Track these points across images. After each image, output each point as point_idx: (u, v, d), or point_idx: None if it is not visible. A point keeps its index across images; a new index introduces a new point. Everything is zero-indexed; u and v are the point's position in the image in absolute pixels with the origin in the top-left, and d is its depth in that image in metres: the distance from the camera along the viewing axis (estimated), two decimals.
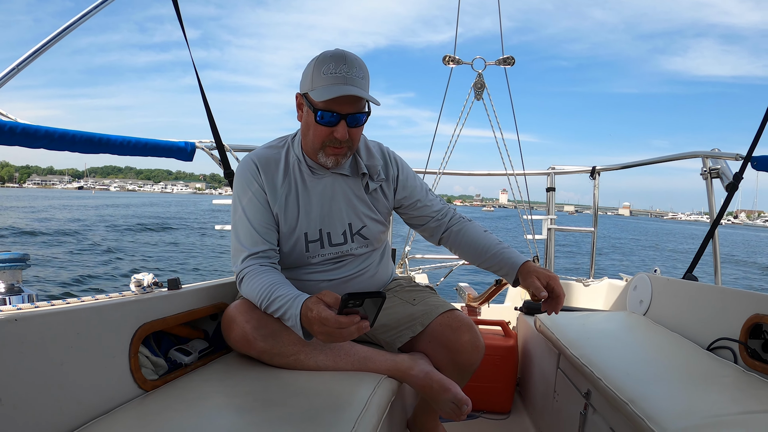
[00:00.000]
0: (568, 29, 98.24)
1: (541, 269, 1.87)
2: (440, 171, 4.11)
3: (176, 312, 1.77)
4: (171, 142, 2.75)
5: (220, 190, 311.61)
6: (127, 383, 1.49)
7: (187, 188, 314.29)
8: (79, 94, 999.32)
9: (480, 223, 2.11)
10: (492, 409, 3.06)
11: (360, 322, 1.44)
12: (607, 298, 3.64)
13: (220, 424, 1.29)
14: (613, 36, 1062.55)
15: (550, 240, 4.18)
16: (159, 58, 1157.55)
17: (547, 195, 4.30)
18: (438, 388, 1.76)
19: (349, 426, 1.29)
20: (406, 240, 4.04)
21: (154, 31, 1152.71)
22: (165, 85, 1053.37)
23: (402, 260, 4.08)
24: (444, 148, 4.17)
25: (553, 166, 4.26)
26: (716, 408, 1.45)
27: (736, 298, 2.08)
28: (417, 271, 4.26)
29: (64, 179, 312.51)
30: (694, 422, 1.36)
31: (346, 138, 1.76)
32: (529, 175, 4.11)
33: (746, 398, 1.54)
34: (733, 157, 2.87)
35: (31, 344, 1.22)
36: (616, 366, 1.86)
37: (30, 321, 1.23)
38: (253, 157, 1.90)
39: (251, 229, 1.81)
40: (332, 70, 1.69)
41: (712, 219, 2.92)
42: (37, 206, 56.06)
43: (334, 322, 1.43)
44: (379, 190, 1.99)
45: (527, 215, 4.00)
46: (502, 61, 3.85)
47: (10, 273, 1.45)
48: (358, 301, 1.41)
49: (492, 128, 3.93)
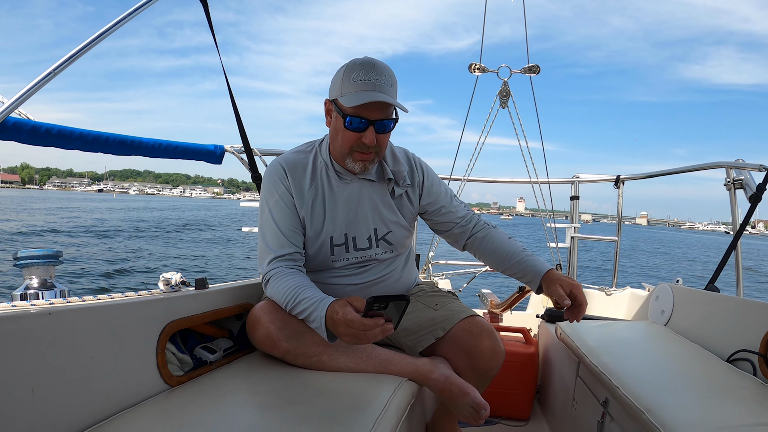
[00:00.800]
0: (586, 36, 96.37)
1: (565, 277, 1.89)
2: (465, 178, 4.12)
3: (203, 311, 1.82)
4: (201, 145, 2.81)
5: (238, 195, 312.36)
6: (154, 378, 1.54)
7: (205, 192, 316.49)
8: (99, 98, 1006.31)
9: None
10: (511, 416, 3.07)
11: (384, 325, 1.48)
12: (629, 308, 3.63)
13: (241, 419, 1.33)
14: (632, 43, 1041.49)
15: (573, 248, 4.17)
16: (178, 63, 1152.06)
17: (571, 203, 4.29)
18: (457, 392, 1.78)
19: (369, 426, 1.31)
20: (430, 245, 4.06)
21: (173, 36, 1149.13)
22: (183, 90, 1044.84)
23: (426, 265, 4.09)
24: (464, 155, 4.19)
25: (578, 174, 4.26)
26: (732, 419, 1.46)
27: (757, 310, 2.07)
28: (440, 276, 4.27)
29: (84, 182, 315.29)
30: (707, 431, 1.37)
31: (374, 143, 1.79)
32: (554, 184, 4.11)
33: (763, 410, 1.54)
34: (756, 168, 2.87)
35: (63, 338, 1.27)
36: (635, 375, 1.87)
37: (63, 315, 1.28)
38: (281, 161, 1.94)
39: (278, 232, 1.85)
40: (362, 77, 1.73)
41: (735, 230, 2.91)
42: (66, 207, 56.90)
43: (359, 324, 1.46)
44: (404, 195, 2.02)
45: (551, 223, 4.00)
46: (527, 70, 3.85)
47: (43, 269, 1.50)
48: (382, 304, 1.44)
49: (517, 136, 3.93)
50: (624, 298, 3.73)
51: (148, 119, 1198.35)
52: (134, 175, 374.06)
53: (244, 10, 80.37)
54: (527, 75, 3.88)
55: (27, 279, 1.49)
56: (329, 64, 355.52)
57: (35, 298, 1.44)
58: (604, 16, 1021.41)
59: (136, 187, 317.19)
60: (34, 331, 1.20)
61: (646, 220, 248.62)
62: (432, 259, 4.15)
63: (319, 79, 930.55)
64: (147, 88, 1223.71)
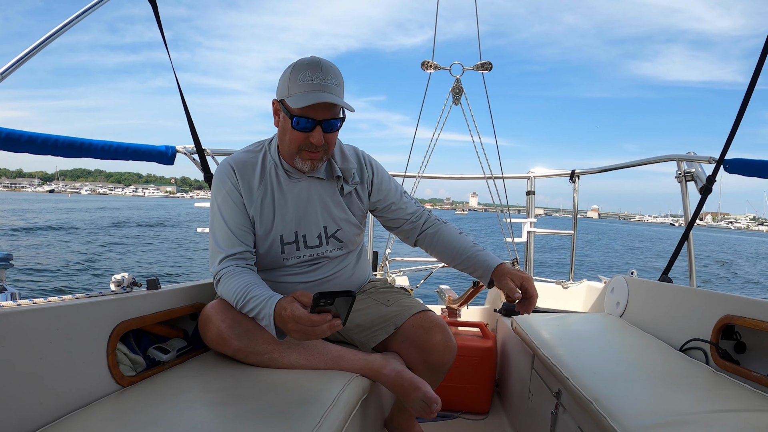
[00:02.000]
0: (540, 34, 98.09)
1: (515, 271, 1.92)
2: (419, 174, 4.15)
3: (155, 311, 1.82)
4: (152, 146, 2.80)
5: (191, 193, 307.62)
6: (105, 378, 1.54)
7: (158, 191, 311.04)
8: (48, 96, 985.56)
9: (455, 225, 2.16)
10: (471, 410, 3.10)
11: (332, 321, 1.49)
12: (586, 300, 3.69)
13: (191, 417, 1.34)
14: (585, 41, 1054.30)
15: (530, 243, 4.22)
16: (129, 60, 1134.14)
17: (527, 198, 4.34)
18: (408, 387, 1.80)
19: (315, 421, 1.33)
20: (387, 243, 4.08)
21: (124, 32, 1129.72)
22: (134, 87, 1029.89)
23: (383, 263, 4.11)
24: (419, 151, 4.21)
25: (532, 170, 4.31)
26: (682, 407, 1.48)
27: (709, 300, 2.12)
28: (398, 273, 4.29)
29: (34, 182, 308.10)
30: (656, 420, 1.39)
31: (322, 143, 1.80)
32: (509, 179, 4.15)
33: (713, 398, 1.57)
34: (706, 160, 2.93)
35: (11, 339, 1.27)
36: (586, 366, 1.90)
37: (11, 318, 1.28)
38: (230, 160, 1.94)
39: (228, 231, 1.86)
40: (308, 77, 1.74)
41: (687, 221, 2.97)
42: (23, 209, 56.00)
43: (307, 320, 1.47)
44: (353, 193, 2.04)
45: (507, 218, 4.04)
46: (479, 67, 3.89)
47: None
48: (329, 299, 1.46)
49: (470, 132, 3.97)
50: (581, 291, 3.79)
51: (99, 117, 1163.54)
52: (85, 175, 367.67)
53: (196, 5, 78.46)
54: (480, 72, 3.92)
55: None
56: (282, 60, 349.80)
57: None
58: (558, 14, 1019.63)
59: (88, 187, 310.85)
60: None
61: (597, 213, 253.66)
62: (389, 256, 4.17)
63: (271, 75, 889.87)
64: (97, 85, 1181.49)
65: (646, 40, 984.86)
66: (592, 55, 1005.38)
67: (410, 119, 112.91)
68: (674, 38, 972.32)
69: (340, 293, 1.46)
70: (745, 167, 2.80)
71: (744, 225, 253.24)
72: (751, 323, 1.84)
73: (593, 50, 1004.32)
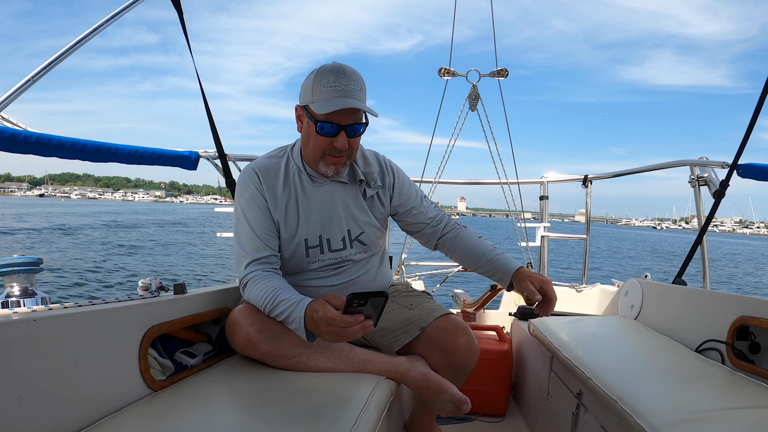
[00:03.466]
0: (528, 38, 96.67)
1: (535, 274, 1.94)
2: (436, 180, 4.17)
3: (182, 315, 1.83)
4: (176, 152, 2.83)
5: (180, 198, 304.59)
6: (137, 383, 1.55)
7: (148, 196, 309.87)
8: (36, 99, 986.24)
9: None
10: (487, 413, 3.12)
11: (364, 322, 1.51)
12: (600, 304, 3.71)
13: (226, 421, 1.36)
14: (573, 46, 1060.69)
15: (544, 247, 4.24)
16: (118, 63, 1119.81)
17: (540, 203, 4.35)
18: (435, 389, 1.82)
19: (351, 422, 1.34)
20: (403, 247, 4.10)
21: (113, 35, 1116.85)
22: (123, 91, 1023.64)
23: (399, 267, 4.13)
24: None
25: (546, 175, 4.33)
26: (701, 404, 1.52)
27: (723, 301, 2.14)
28: (413, 277, 4.30)
29: (23, 186, 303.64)
30: (679, 417, 1.42)
31: (346, 147, 1.83)
32: (523, 184, 4.17)
33: (731, 396, 1.61)
34: (719, 165, 2.95)
35: (48, 344, 1.28)
36: (607, 366, 1.93)
37: (47, 322, 1.29)
38: (254, 166, 1.96)
39: (254, 236, 1.87)
40: (332, 83, 1.77)
41: (701, 225, 3.00)
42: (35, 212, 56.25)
43: (340, 322, 1.49)
44: (375, 197, 2.06)
45: (521, 223, 4.06)
46: (496, 73, 3.91)
47: (25, 276, 1.50)
48: (362, 300, 1.48)
49: (486, 139, 3.99)
50: (594, 295, 3.80)
51: (87, 120, 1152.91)
52: (73, 179, 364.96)
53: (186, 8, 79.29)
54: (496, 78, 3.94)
55: (8, 287, 1.50)
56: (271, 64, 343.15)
57: (17, 306, 1.45)
58: (547, 19, 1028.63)
59: (78, 192, 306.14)
60: (19, 338, 1.21)
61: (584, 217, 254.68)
62: (405, 260, 4.19)
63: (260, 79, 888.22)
64: (86, 89, 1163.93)
65: (634, 44, 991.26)
66: (580, 60, 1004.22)
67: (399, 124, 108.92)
68: (662, 43, 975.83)
69: (372, 294, 1.48)
70: (758, 172, 2.82)
71: (729, 228, 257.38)
72: (766, 324, 1.87)
73: (581, 55, 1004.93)
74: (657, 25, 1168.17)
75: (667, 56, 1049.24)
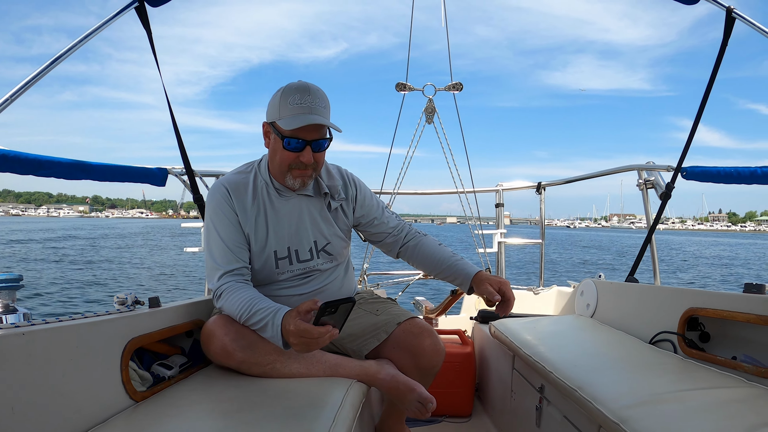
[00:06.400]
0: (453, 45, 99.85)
1: (493, 276, 2.04)
2: (395, 191, 4.25)
3: (159, 328, 1.88)
4: (145, 168, 2.87)
5: (106, 212, 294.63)
6: (120, 394, 1.60)
7: (72, 211, 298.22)
8: None
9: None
10: (454, 414, 3.20)
11: (332, 331, 1.58)
12: (557, 305, 3.84)
13: (212, 425, 1.42)
14: (497, 52, 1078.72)
15: (501, 252, 4.36)
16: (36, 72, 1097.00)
17: (496, 210, 4.47)
18: (404, 389, 1.91)
19: (330, 421, 1.42)
20: (364, 257, 4.16)
21: (31, 43, 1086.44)
22: (42, 102, 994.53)
23: (361, 277, 4.20)
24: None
25: (501, 183, 4.46)
26: (656, 389, 1.63)
27: (673, 295, 2.28)
28: (375, 286, 4.37)
29: None
30: (635, 400, 1.53)
31: (312, 161, 1.91)
32: (479, 193, 4.28)
33: (684, 380, 1.72)
34: (665, 169, 3.11)
35: (37, 357, 1.32)
36: (566, 360, 2.03)
37: (36, 335, 1.33)
38: (224, 182, 2.03)
39: (225, 249, 1.93)
40: (298, 101, 1.85)
41: (649, 226, 3.15)
42: None
43: (313, 333, 1.56)
44: (339, 209, 2.14)
45: (479, 230, 4.16)
46: (451, 87, 4.01)
47: (6, 293, 1.53)
48: (333, 309, 1.55)
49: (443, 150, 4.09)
50: (551, 296, 3.93)
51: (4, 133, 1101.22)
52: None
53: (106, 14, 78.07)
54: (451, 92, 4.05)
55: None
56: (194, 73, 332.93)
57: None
58: (470, 26, 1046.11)
59: (1, 209, 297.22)
60: (10, 352, 1.25)
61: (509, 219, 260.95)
62: (367, 270, 4.26)
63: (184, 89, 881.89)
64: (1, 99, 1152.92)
65: (556, 50, 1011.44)
66: (503, 66, 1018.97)
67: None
68: (583, 48, 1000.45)
69: (342, 300, 1.55)
70: (701, 174, 2.98)
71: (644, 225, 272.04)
72: (713, 313, 2.00)
73: (504, 61, 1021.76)
74: (579, 31, 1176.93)
75: (588, 61, 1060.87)
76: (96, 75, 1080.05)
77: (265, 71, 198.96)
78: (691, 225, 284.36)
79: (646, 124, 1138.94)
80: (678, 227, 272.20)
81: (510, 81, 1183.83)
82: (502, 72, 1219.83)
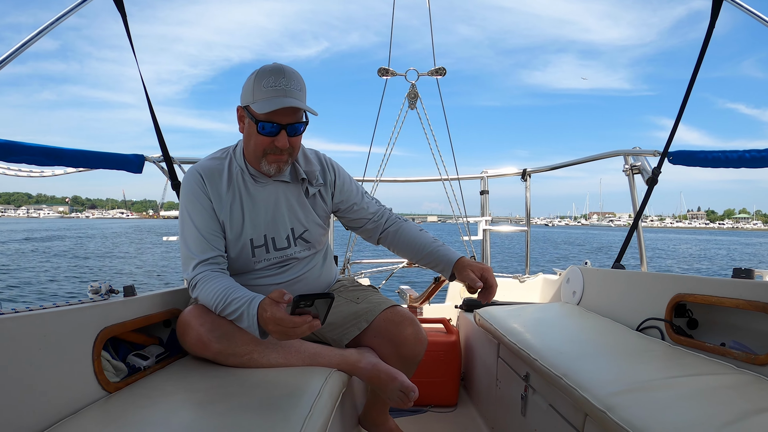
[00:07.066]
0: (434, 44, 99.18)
1: (475, 262, 2.01)
2: (377, 179, 4.22)
3: (133, 317, 1.83)
4: (121, 154, 2.82)
5: (86, 213, 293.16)
6: (92, 385, 1.55)
7: (52, 212, 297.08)
8: None
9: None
10: (439, 403, 3.17)
11: (311, 321, 1.53)
12: (543, 292, 3.82)
13: (186, 416, 1.38)
14: (478, 51, 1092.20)
15: (486, 240, 4.33)
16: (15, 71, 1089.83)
17: (481, 198, 4.44)
18: (385, 378, 1.88)
19: (306, 410, 1.38)
20: (347, 246, 4.13)
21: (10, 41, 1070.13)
22: (21, 101, 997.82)
23: (344, 266, 4.16)
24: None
25: (486, 170, 4.43)
26: (643, 375, 1.60)
27: (661, 282, 2.25)
28: (359, 275, 4.34)
29: None
30: (622, 387, 1.50)
31: (287, 146, 1.86)
32: (463, 179, 4.25)
33: (671, 366, 1.70)
34: (651, 154, 3.09)
35: (2, 347, 1.28)
36: (552, 347, 2.00)
37: (1, 324, 1.29)
38: (198, 168, 1.97)
39: (200, 237, 1.88)
40: (272, 83, 1.79)
41: (636, 212, 3.13)
42: None
43: (288, 322, 1.51)
44: (317, 195, 2.10)
45: (463, 218, 4.13)
46: (434, 72, 3.98)
47: None
48: (308, 302, 1.50)
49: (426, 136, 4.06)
50: (537, 284, 3.91)
51: None
52: None
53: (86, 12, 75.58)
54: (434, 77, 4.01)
55: None
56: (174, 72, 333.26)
57: None
58: (452, 25, 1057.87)
59: None
60: None
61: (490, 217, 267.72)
62: (350, 259, 4.22)
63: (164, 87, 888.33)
64: None
65: (537, 50, 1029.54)
66: (484, 65, 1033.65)
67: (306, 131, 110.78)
68: (564, 48, 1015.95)
69: (318, 295, 1.51)
70: (688, 158, 2.96)
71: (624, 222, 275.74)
72: (701, 299, 1.97)
73: (486, 60, 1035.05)
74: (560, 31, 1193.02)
75: (569, 61, 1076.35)
76: (75, 74, 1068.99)
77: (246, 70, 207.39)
78: (669, 223, 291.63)
79: (626, 123, 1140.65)
80: (657, 225, 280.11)
81: (491, 80, 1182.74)
82: (483, 71, 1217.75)
